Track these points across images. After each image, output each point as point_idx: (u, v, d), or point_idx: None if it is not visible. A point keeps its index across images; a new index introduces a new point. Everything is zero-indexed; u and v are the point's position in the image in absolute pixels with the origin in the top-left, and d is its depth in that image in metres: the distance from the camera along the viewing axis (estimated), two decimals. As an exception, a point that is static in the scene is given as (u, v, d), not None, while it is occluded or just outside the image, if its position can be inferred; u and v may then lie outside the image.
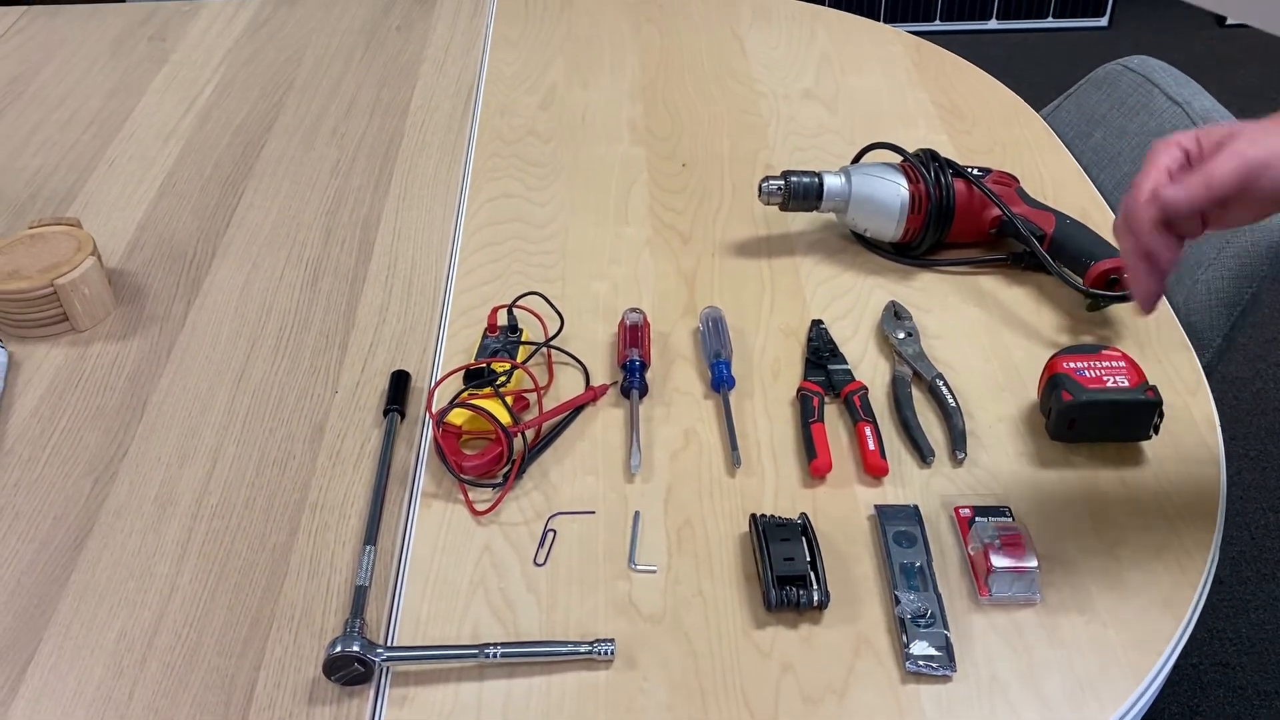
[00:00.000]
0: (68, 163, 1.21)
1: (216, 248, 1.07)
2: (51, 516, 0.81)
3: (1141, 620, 0.72)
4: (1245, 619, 1.61)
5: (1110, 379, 0.82)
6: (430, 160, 1.19)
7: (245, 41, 1.45)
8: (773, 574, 0.72)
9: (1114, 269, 0.93)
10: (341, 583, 0.76)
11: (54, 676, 0.70)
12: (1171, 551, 0.76)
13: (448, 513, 0.80)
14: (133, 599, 0.75)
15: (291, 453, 0.85)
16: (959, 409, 0.86)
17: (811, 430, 0.84)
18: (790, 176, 1.01)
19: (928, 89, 1.30)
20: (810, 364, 0.91)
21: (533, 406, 0.88)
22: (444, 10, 1.51)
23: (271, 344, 0.96)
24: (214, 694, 0.69)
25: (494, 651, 0.69)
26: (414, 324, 0.97)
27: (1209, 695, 1.52)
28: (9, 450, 0.87)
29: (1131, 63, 1.21)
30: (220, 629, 0.73)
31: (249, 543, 0.79)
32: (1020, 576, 0.72)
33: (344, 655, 0.67)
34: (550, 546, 0.78)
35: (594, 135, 1.23)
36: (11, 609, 0.75)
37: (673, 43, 1.42)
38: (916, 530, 0.77)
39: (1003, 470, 0.82)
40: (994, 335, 0.94)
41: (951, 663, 0.69)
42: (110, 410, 0.90)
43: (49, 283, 0.95)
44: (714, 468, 0.83)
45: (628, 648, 0.71)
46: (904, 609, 0.71)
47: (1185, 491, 0.81)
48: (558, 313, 0.97)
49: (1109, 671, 0.69)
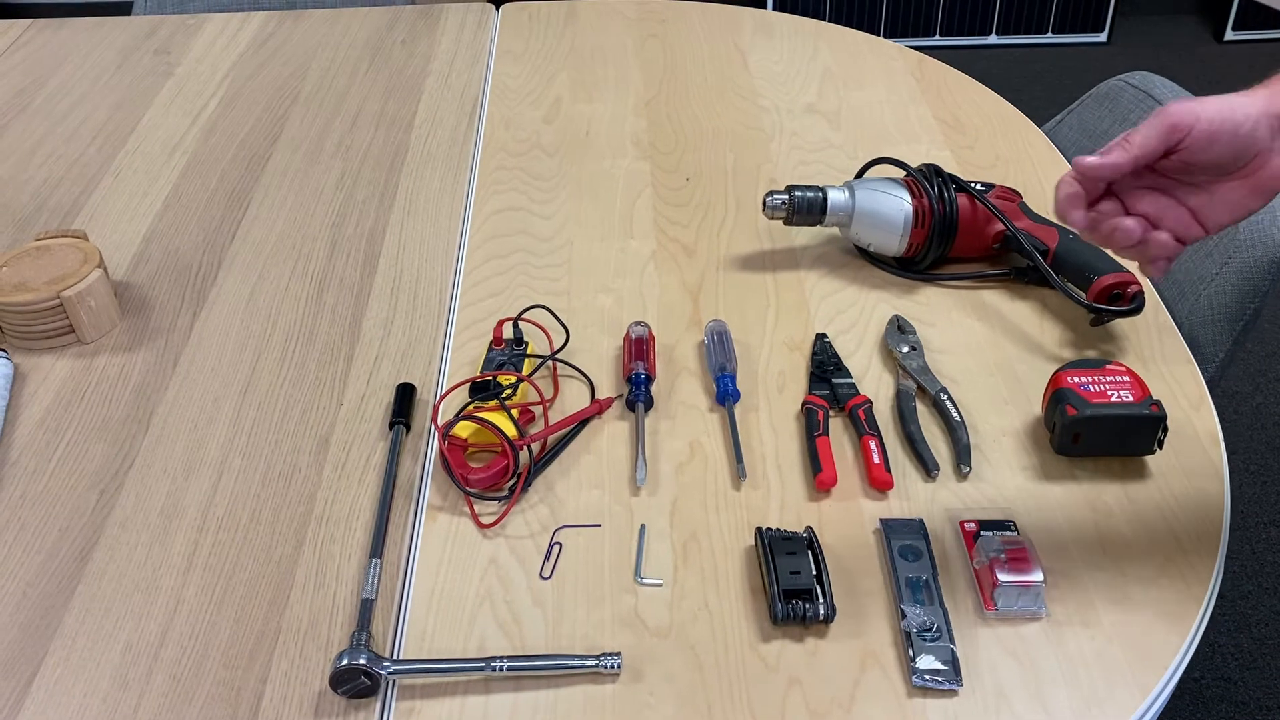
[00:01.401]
0: (73, 175, 1.22)
1: (222, 260, 1.08)
2: (57, 529, 0.81)
3: (1147, 634, 0.72)
4: (1247, 634, 1.61)
5: (1115, 393, 0.82)
6: (435, 173, 1.20)
7: (250, 55, 1.45)
8: (779, 587, 0.72)
9: (1117, 284, 0.94)
10: (347, 596, 0.76)
11: (59, 689, 0.70)
12: (1176, 566, 0.76)
13: (453, 525, 0.80)
14: (139, 611, 0.75)
15: (297, 465, 0.85)
16: (963, 423, 0.86)
17: (816, 444, 0.84)
18: (794, 191, 1.02)
19: (930, 104, 1.31)
20: (815, 377, 0.91)
21: (538, 419, 0.88)
22: (448, 24, 1.52)
23: (277, 356, 0.96)
24: (220, 707, 0.69)
25: (500, 665, 0.69)
26: (419, 337, 0.97)
27: (1211, 710, 1.52)
28: (14, 462, 0.87)
29: (1133, 78, 1.21)
30: (226, 642, 0.73)
31: (255, 555, 0.79)
32: (1026, 590, 0.73)
33: (350, 668, 0.67)
34: (556, 560, 0.78)
35: (598, 149, 1.23)
36: (17, 621, 0.75)
37: (676, 57, 1.42)
38: (922, 544, 0.77)
39: (1007, 484, 0.83)
40: (997, 349, 0.95)
41: (958, 677, 0.69)
42: (116, 422, 0.90)
43: (55, 295, 0.95)
44: (719, 481, 0.83)
45: (634, 661, 0.71)
46: (910, 623, 0.71)
47: (1189, 506, 0.81)
48: (563, 326, 0.97)
49: (1115, 686, 0.69)
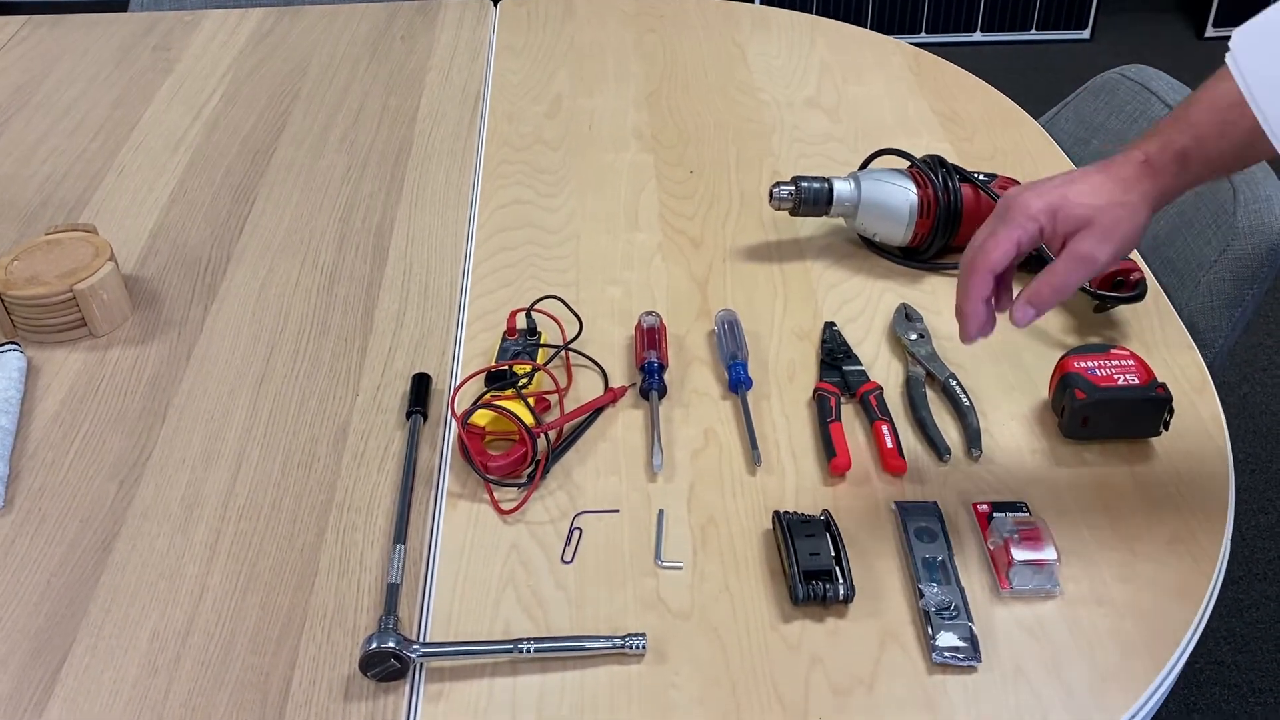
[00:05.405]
0: (77, 170, 1.22)
1: (230, 254, 1.08)
2: (78, 519, 0.81)
3: (1159, 610, 0.73)
4: (1240, 618, 1.64)
5: (1121, 377, 0.84)
6: (440, 167, 1.20)
7: (249, 51, 1.46)
8: (799, 569, 0.73)
9: (1120, 271, 0.95)
10: (371, 582, 0.76)
11: (89, 677, 0.71)
12: (1184, 544, 0.78)
13: (474, 512, 0.81)
14: (164, 599, 0.76)
15: (316, 455, 0.86)
16: (973, 408, 0.88)
17: (830, 429, 0.85)
18: (801, 182, 1.03)
19: (927, 97, 1.32)
20: (825, 365, 0.93)
21: (553, 408, 0.89)
22: (447, 20, 1.53)
23: (290, 348, 0.96)
24: (250, 691, 0.70)
25: (528, 647, 0.70)
26: (431, 328, 0.98)
27: (1205, 692, 1.54)
28: (32, 454, 0.87)
29: (1129, 71, 1.23)
30: (253, 627, 0.73)
31: (278, 543, 0.79)
32: (1040, 569, 0.74)
33: (380, 651, 0.68)
34: (577, 544, 0.79)
35: (601, 143, 1.24)
36: (43, 610, 0.75)
37: (674, 52, 1.43)
38: (937, 525, 0.78)
39: (1017, 467, 0.84)
40: (1002, 336, 0.96)
41: (976, 654, 0.70)
42: (132, 414, 0.90)
43: (68, 288, 0.95)
44: (735, 467, 0.84)
45: (658, 642, 0.72)
46: (928, 602, 0.73)
47: (1195, 486, 0.82)
48: (576, 316, 0.98)
49: (1130, 660, 0.70)
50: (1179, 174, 0.68)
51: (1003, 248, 0.70)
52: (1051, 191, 0.69)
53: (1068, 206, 0.69)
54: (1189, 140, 0.67)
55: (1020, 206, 0.70)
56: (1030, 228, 0.70)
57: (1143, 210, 0.69)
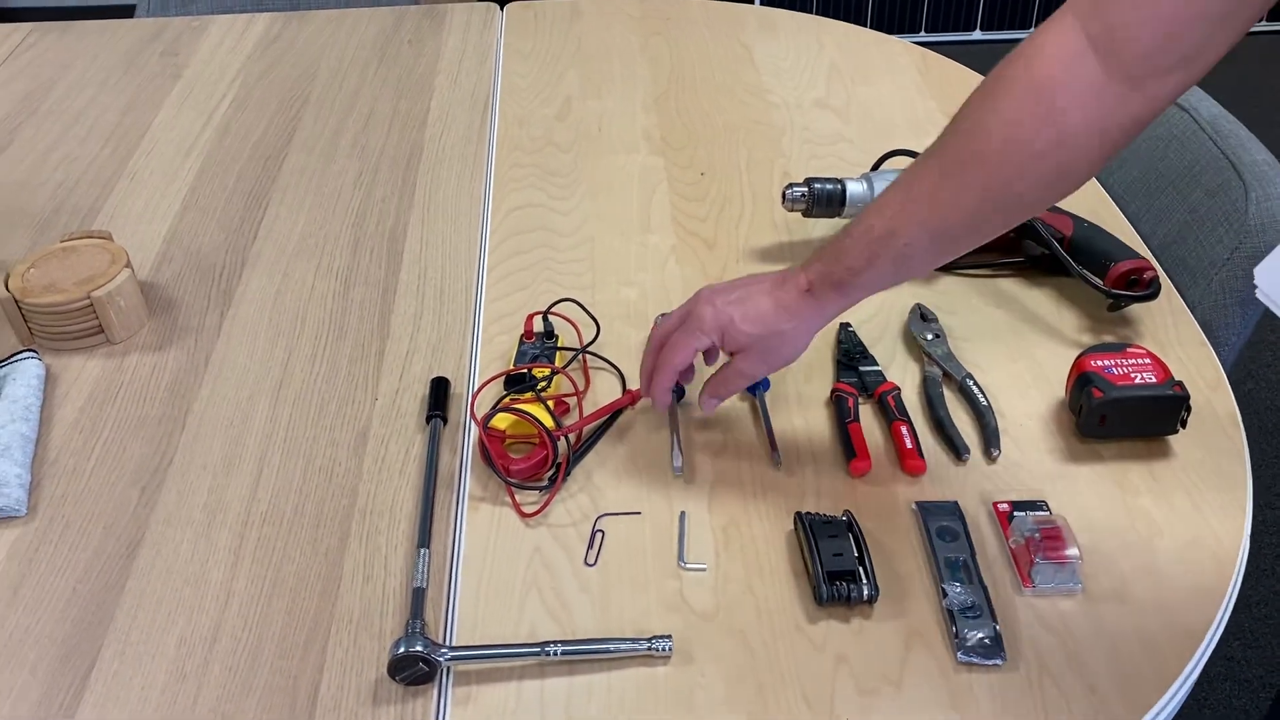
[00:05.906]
0: (89, 177, 1.22)
1: (245, 259, 1.08)
2: (101, 526, 0.82)
3: (1181, 607, 0.74)
4: (1248, 613, 1.64)
5: (1138, 375, 0.84)
6: (452, 171, 1.21)
7: (258, 57, 1.46)
8: (823, 569, 0.74)
9: (1134, 269, 0.96)
10: (396, 586, 0.77)
11: (117, 683, 0.71)
12: (1204, 541, 0.78)
13: (496, 515, 0.82)
14: (190, 605, 0.76)
15: (337, 459, 0.86)
16: (990, 407, 0.88)
17: (849, 430, 0.85)
18: (814, 183, 1.03)
19: (936, 98, 1.33)
20: (842, 365, 0.93)
21: (572, 411, 0.90)
22: (454, 24, 1.53)
23: (308, 353, 0.97)
24: (279, 696, 0.70)
25: (555, 650, 0.70)
26: (448, 331, 0.98)
27: (1216, 688, 1.55)
28: (53, 461, 0.87)
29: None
30: (280, 632, 0.74)
31: (301, 548, 0.79)
32: (1062, 567, 0.74)
33: (409, 655, 0.69)
34: (600, 547, 0.79)
35: (611, 145, 1.24)
36: (69, 616, 0.75)
37: (682, 54, 1.44)
38: (958, 525, 0.79)
39: (1036, 466, 0.84)
40: (1018, 336, 0.97)
41: (1002, 652, 0.71)
42: (152, 420, 0.90)
43: (85, 295, 0.95)
44: (755, 468, 0.85)
45: (683, 644, 0.72)
46: (952, 601, 0.73)
47: (1213, 484, 0.83)
48: (593, 319, 0.98)
49: (1154, 658, 0.71)
50: (839, 299, 0.78)
51: (683, 354, 0.82)
52: (724, 311, 0.80)
53: (733, 330, 0.80)
54: (843, 272, 0.76)
55: (697, 319, 0.81)
56: (704, 341, 0.81)
57: (803, 334, 0.80)
